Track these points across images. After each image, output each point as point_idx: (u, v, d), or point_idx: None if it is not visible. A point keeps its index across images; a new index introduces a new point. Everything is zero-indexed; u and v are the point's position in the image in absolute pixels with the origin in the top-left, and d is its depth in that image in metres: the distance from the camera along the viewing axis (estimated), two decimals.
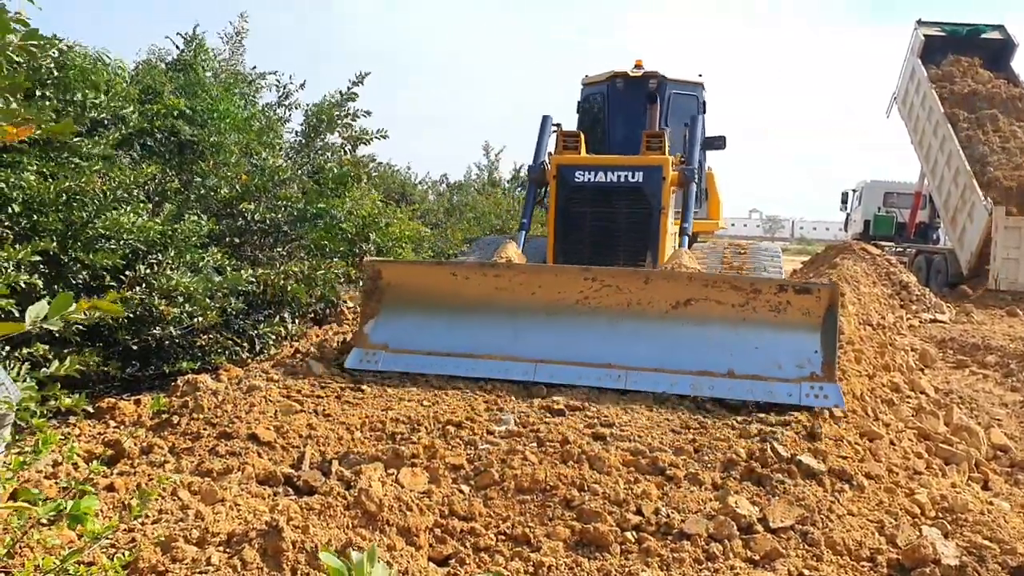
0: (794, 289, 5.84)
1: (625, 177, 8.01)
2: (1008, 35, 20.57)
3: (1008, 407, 7.28)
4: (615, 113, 9.97)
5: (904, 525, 3.84)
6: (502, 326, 6.13)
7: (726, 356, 5.72)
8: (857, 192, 27.12)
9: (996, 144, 17.42)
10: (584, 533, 3.42)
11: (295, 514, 3.20)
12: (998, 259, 15.87)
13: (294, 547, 2.79)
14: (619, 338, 5.95)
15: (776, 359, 5.66)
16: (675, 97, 9.93)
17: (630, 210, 8.04)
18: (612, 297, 6.07)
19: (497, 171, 24.83)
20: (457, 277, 6.42)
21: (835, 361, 5.64)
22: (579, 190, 8.12)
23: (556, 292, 6.16)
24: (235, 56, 8.62)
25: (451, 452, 4.19)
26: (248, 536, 2.86)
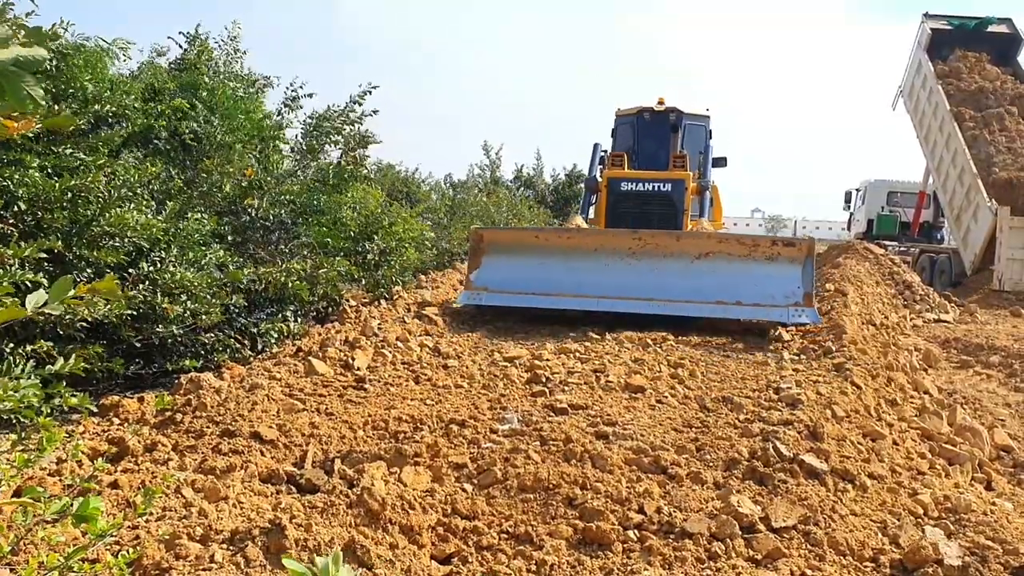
0: (783, 243, 8.79)
1: (658, 187, 10.77)
2: (1015, 28, 20.46)
3: (1012, 407, 7.26)
4: (643, 138, 12.52)
5: (907, 525, 3.84)
6: (573, 272, 8.64)
7: (735, 291, 8.30)
8: (861, 191, 27.06)
9: (1003, 144, 17.36)
10: (587, 532, 3.42)
11: (298, 512, 3.20)
12: (1003, 260, 15.82)
13: (297, 545, 2.79)
14: (658, 279, 8.47)
15: (770, 292, 8.32)
16: (689, 127, 12.50)
17: (661, 210, 10.66)
18: (653, 251, 8.71)
19: (499, 170, 24.91)
20: (539, 239, 9.39)
21: (812, 293, 8.44)
22: (624, 195, 10.89)
23: (612, 248, 8.83)
24: (232, 59, 8.64)
25: (454, 451, 4.19)
26: (251, 534, 2.87)
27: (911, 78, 21.12)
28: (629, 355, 6.89)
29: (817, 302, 10.00)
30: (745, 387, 5.96)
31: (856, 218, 27.18)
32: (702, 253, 8.68)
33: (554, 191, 26.88)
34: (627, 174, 11.15)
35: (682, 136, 12.26)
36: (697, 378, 6.21)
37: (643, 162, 12.05)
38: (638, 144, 12.50)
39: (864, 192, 26.63)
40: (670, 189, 10.73)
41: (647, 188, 10.81)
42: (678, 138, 12.08)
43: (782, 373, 6.43)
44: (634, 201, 10.82)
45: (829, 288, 11.02)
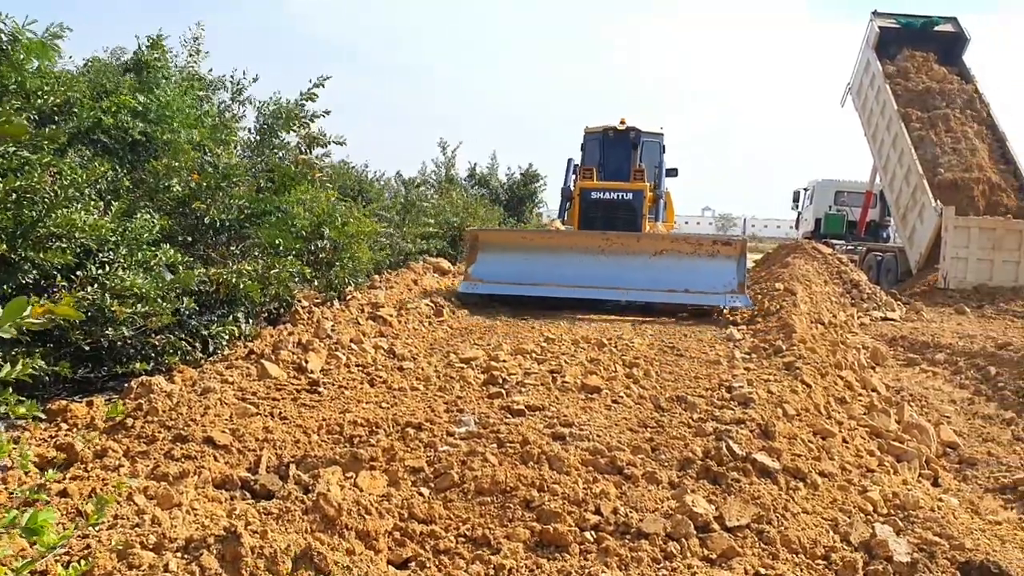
0: (722, 242, 10.95)
1: (621, 196, 12.81)
2: (961, 28, 20.90)
3: (957, 404, 7.44)
4: (608, 153, 14.57)
5: (857, 523, 3.91)
6: (553, 266, 10.51)
7: (684, 281, 10.28)
8: (808, 191, 27.50)
9: (948, 145, 17.75)
10: (544, 534, 3.43)
11: (253, 519, 3.16)
12: (947, 259, 16.18)
13: (253, 553, 2.75)
14: (622, 272, 10.42)
15: (712, 282, 10.27)
16: (647, 143, 14.59)
17: (625, 215, 12.63)
18: (618, 249, 10.67)
19: (454, 168, 24.80)
20: (525, 239, 11.91)
21: (745, 283, 10.53)
22: (594, 203, 12.87)
23: (585, 247, 10.83)
24: (193, 60, 8.51)
25: (410, 454, 4.18)
26: (206, 542, 2.82)
27: (860, 76, 21.48)
28: (585, 355, 6.93)
29: (767, 302, 10.19)
30: (698, 386, 6.03)
31: (804, 217, 27.62)
32: (658, 251, 10.75)
33: (508, 190, 26.86)
34: (596, 185, 13.17)
35: (640, 151, 14.35)
36: (652, 378, 6.26)
37: (608, 174, 13.97)
38: (604, 158, 14.52)
39: (812, 191, 27.06)
40: (631, 198, 12.77)
41: (613, 197, 12.84)
42: (637, 153, 14.23)
43: (734, 372, 6.51)
44: (602, 207, 12.79)
45: (779, 287, 11.20)
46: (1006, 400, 7.49)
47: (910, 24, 21.00)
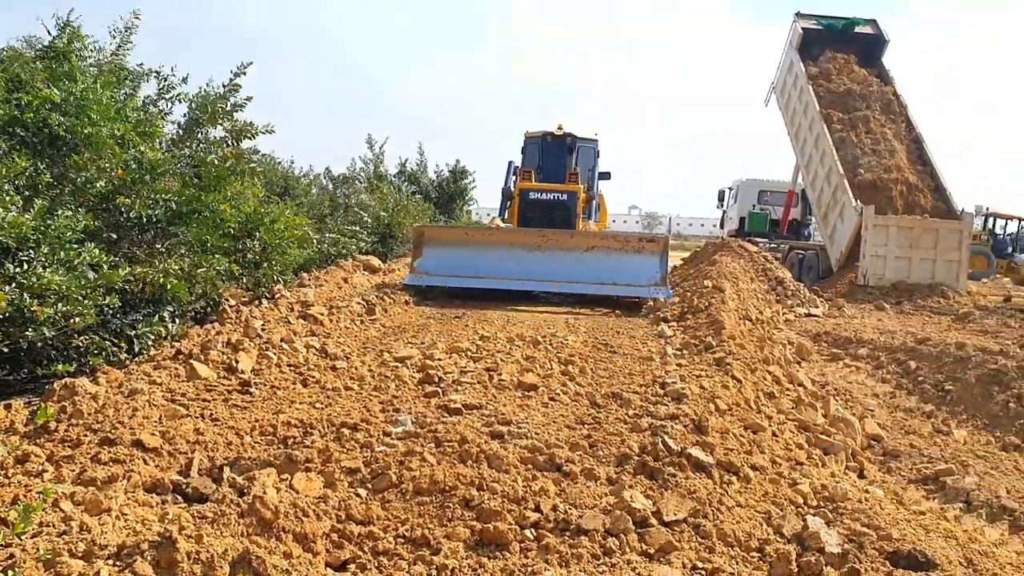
0: (646, 240, 11.93)
1: (557, 197, 13.77)
2: (880, 30, 21.52)
3: (879, 398, 7.67)
4: (546, 156, 15.53)
5: (789, 515, 3.99)
6: (493, 261, 11.33)
7: (613, 274, 11.21)
8: (733, 190, 28.09)
9: (868, 146, 18.28)
10: (484, 533, 3.42)
11: (188, 523, 3.08)
12: (867, 256, 16.67)
13: (189, 558, 2.68)
14: (557, 266, 11.26)
15: (638, 276, 11.18)
16: (582, 148, 15.65)
17: (560, 215, 13.59)
18: (554, 245, 11.54)
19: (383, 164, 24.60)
20: (468, 235, 12.62)
21: (667, 276, 11.68)
22: (532, 203, 13.87)
23: (523, 243, 11.60)
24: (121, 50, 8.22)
25: (347, 455, 4.12)
26: (139, 548, 2.74)
27: (783, 76, 21.96)
28: (520, 353, 6.93)
29: (697, 299, 10.36)
30: (633, 383, 6.09)
31: (729, 216, 28.19)
32: (589, 247, 11.67)
33: (438, 187, 26.74)
34: (534, 186, 14.07)
35: (576, 156, 15.42)
36: (587, 375, 6.30)
37: (546, 176, 14.87)
38: (542, 161, 15.48)
39: (736, 191, 27.65)
40: (566, 199, 13.76)
41: (549, 197, 13.85)
42: (572, 158, 15.27)
43: (667, 368, 6.59)
44: (539, 207, 13.80)
45: (707, 285, 11.37)
46: (926, 394, 7.76)
47: (832, 25, 21.55)
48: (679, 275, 15.40)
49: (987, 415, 7.00)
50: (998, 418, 6.88)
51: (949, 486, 5.28)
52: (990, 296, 18.30)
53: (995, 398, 7.18)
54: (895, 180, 17.62)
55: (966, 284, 17.26)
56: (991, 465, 5.82)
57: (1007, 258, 30.27)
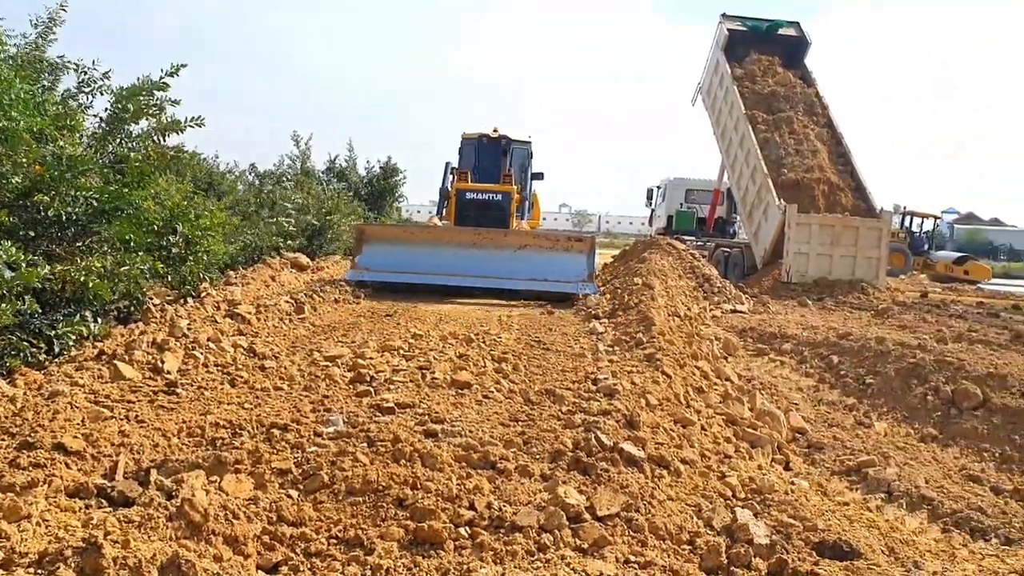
0: (575, 239, 12.83)
1: (492, 197, 14.41)
2: (803, 32, 22.06)
3: (803, 391, 7.87)
4: (482, 158, 16.19)
5: (719, 508, 4.07)
6: (432, 258, 11.97)
7: (544, 271, 11.92)
8: (661, 189, 28.54)
9: (791, 146, 18.73)
10: (418, 532, 3.40)
11: (113, 528, 2.98)
12: (790, 254, 17.08)
13: (115, 564, 2.60)
14: (492, 263, 11.93)
15: (566, 273, 11.92)
16: (516, 150, 16.34)
17: (495, 214, 14.19)
18: (488, 243, 12.27)
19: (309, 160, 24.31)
20: (407, 233, 13.64)
21: (594, 273, 12.48)
22: (468, 202, 14.49)
23: (460, 241, 12.33)
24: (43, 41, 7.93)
25: (277, 456, 4.06)
26: (63, 555, 2.65)
27: (710, 76, 22.35)
28: (453, 351, 6.92)
29: (627, 296, 10.48)
30: (566, 379, 6.13)
31: (657, 214, 28.64)
32: (522, 245, 12.37)
33: (368, 184, 26.51)
34: (470, 186, 14.72)
35: (510, 157, 16.07)
36: (520, 372, 6.32)
37: (481, 177, 15.46)
38: (478, 162, 16.13)
39: (664, 189, 28.10)
40: (501, 199, 14.39)
41: (484, 197, 14.49)
42: (507, 159, 15.92)
43: (599, 364, 6.65)
44: (475, 207, 14.40)
45: (637, 282, 11.51)
46: (848, 387, 7.98)
47: (756, 27, 22.01)
48: (610, 272, 15.56)
49: (906, 407, 7.23)
50: (916, 410, 7.12)
51: (871, 477, 5.44)
52: (908, 292, 18.97)
53: (914, 391, 7.42)
54: (817, 180, 18.09)
55: (885, 280, 17.84)
56: (910, 456, 6.01)
57: (923, 255, 31.46)
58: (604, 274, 15.49)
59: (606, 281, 13.92)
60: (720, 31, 21.81)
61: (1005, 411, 6.61)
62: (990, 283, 30.62)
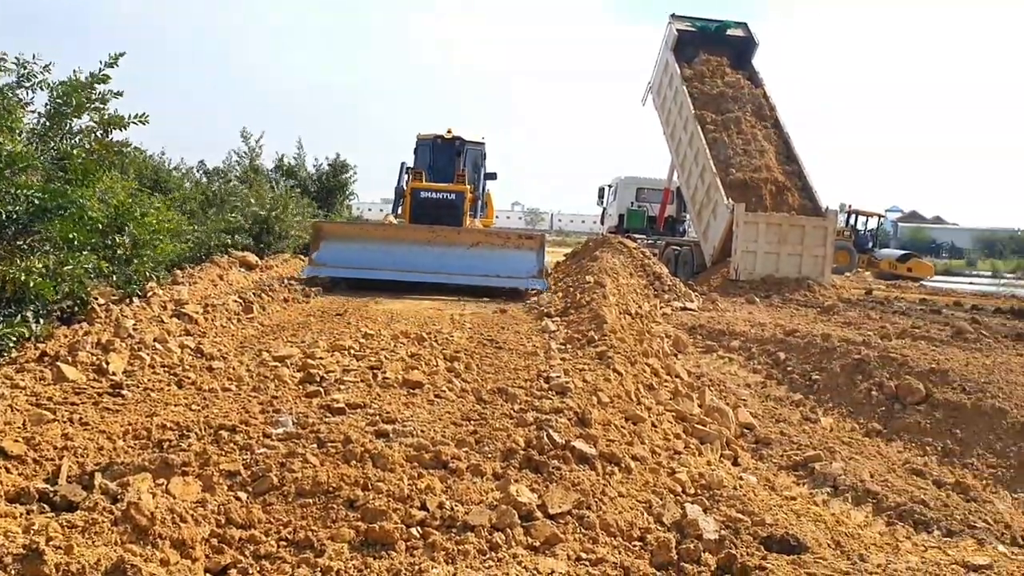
0: (525, 236, 13.69)
1: (446, 196, 14.82)
2: (750, 33, 22.37)
3: (751, 387, 7.98)
4: (436, 158, 16.61)
5: (669, 504, 4.12)
6: (387, 254, 12.40)
7: (495, 267, 12.49)
8: (612, 187, 28.72)
9: (739, 146, 18.98)
10: (369, 533, 3.39)
11: (55, 533, 2.92)
12: (738, 252, 17.31)
13: (58, 570, 2.55)
14: (446, 260, 12.44)
15: (517, 269, 12.54)
16: (470, 151, 16.88)
17: (448, 212, 14.56)
18: (442, 241, 12.74)
19: (259, 158, 24.01)
20: (363, 230, 13.89)
21: (543, 270, 12.97)
22: (423, 201, 14.82)
23: (414, 238, 12.81)
24: None
25: (225, 458, 4.01)
26: (2, 562, 2.59)
27: (659, 76, 22.54)
28: (405, 350, 6.89)
29: (579, 294, 10.54)
30: (518, 378, 6.14)
31: (609, 212, 28.80)
32: (474, 243, 12.89)
33: (317, 181, 26.23)
34: (425, 186, 15.09)
35: (464, 158, 16.52)
36: (473, 371, 6.32)
37: (436, 176, 15.85)
38: (433, 162, 16.56)
39: (615, 188, 28.28)
40: (454, 198, 14.81)
41: (439, 196, 14.87)
42: (461, 160, 16.34)
43: (551, 363, 6.68)
44: (429, 205, 14.75)
45: (589, 280, 11.57)
46: (795, 383, 8.11)
47: (705, 28, 22.26)
48: (562, 271, 15.62)
49: (851, 403, 7.37)
50: (861, 405, 7.26)
51: (817, 471, 5.53)
52: (852, 289, 19.36)
53: (858, 386, 7.57)
54: (765, 179, 18.37)
55: (831, 278, 18.18)
56: (855, 450, 6.13)
57: (868, 253, 32.13)
58: (556, 272, 15.57)
59: (558, 280, 13.98)
60: (669, 31, 22.01)
61: (947, 406, 6.77)
62: (932, 280, 31.40)
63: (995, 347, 9.08)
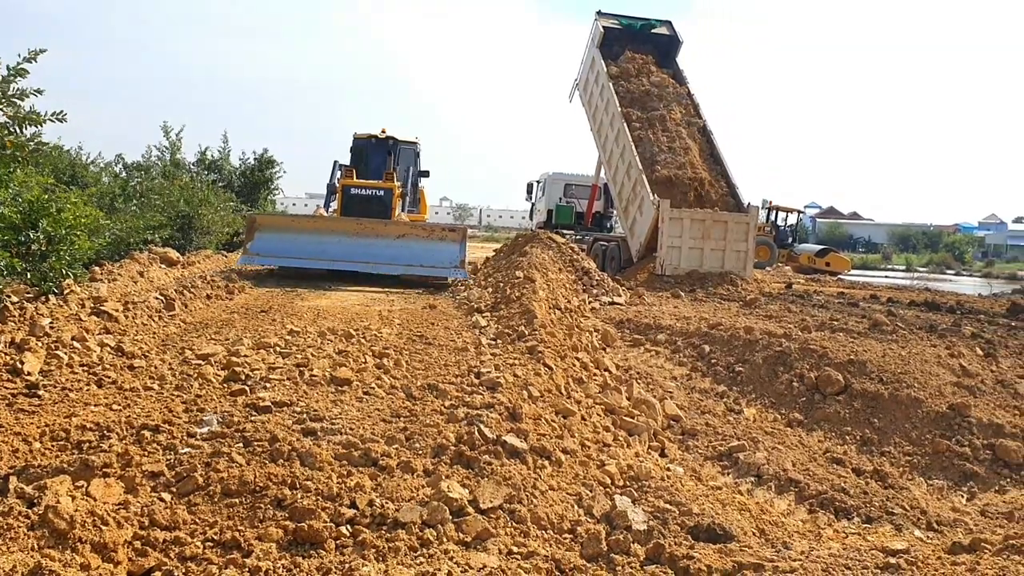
0: (448, 229, 14.17)
1: (375, 192, 15.58)
2: (674, 31, 22.67)
3: (677, 380, 8.11)
4: (370, 156, 17.63)
5: (599, 496, 4.16)
6: (318, 244, 13.12)
7: (420, 258, 13.22)
8: (541, 183, 28.86)
9: (664, 144, 19.25)
10: (298, 532, 3.35)
11: None
12: (664, 247, 17.56)
13: None
14: (373, 250, 13.13)
15: (441, 259, 13.27)
16: (403, 151, 17.99)
17: (377, 207, 15.23)
18: (370, 232, 13.44)
19: (180, 152, 23.48)
20: (295, 222, 14.86)
21: (465, 260, 13.54)
22: (354, 197, 15.53)
23: (343, 230, 13.58)
24: None
25: (148, 459, 3.91)
26: None
27: (586, 73, 22.69)
28: (332, 347, 6.81)
29: (509, 289, 10.56)
30: (448, 373, 6.12)
31: (537, 208, 28.95)
32: (400, 235, 13.65)
33: (242, 175, 25.73)
34: (355, 183, 15.91)
35: (396, 156, 17.55)
36: (402, 367, 6.28)
37: (370, 174, 16.70)
38: (367, 160, 17.56)
39: (544, 184, 28.43)
40: (383, 194, 15.59)
41: (368, 193, 15.64)
42: (392, 158, 17.29)
43: (481, 358, 6.68)
44: (360, 201, 15.46)
45: (519, 275, 11.59)
46: (719, 375, 8.27)
47: (630, 25, 22.49)
48: (491, 266, 15.61)
49: (773, 394, 7.54)
50: (783, 396, 7.44)
51: (741, 461, 5.66)
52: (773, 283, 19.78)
53: (780, 378, 7.75)
54: (689, 176, 18.67)
55: (752, 272, 18.56)
56: (778, 440, 6.29)
57: (787, 248, 32.97)
58: (485, 268, 15.56)
59: (488, 275, 13.99)
60: (596, 28, 22.18)
61: (865, 396, 6.99)
62: (849, 274, 32.36)
63: (910, 338, 9.39)
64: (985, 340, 9.69)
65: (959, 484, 5.75)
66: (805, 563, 3.55)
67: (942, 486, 5.70)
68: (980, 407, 6.69)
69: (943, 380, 7.24)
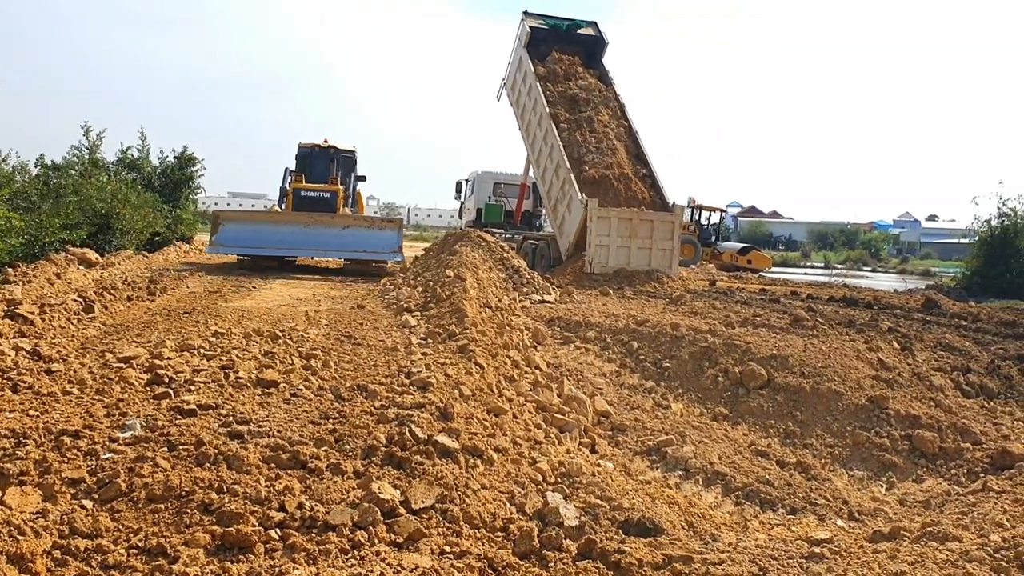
0: (387, 221, 18.01)
1: (322, 195, 18.56)
2: (600, 32, 22.83)
3: (607, 376, 8.18)
4: (315, 163, 20.34)
5: (531, 493, 4.19)
6: (274, 234, 16.12)
7: (363, 245, 16.58)
8: (470, 182, 28.84)
9: (592, 144, 19.39)
10: (226, 536, 3.28)
11: None
12: (592, 246, 17.69)
13: None
14: (323, 239, 16.31)
15: (381, 245, 16.74)
16: (343, 159, 20.88)
17: (324, 208, 18.00)
18: (318, 225, 16.48)
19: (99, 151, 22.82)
20: (254, 216, 18.54)
21: (401, 246, 17.00)
22: (303, 199, 18.36)
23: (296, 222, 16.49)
24: None
25: (68, 465, 3.80)
26: None
27: (513, 73, 22.71)
28: (258, 349, 6.69)
29: (439, 288, 10.52)
30: (378, 374, 6.08)
31: (467, 207, 28.91)
32: (346, 225, 16.55)
33: (163, 174, 25.10)
34: (305, 186, 18.74)
35: (337, 163, 20.49)
36: (330, 368, 6.20)
37: (315, 179, 19.56)
38: (312, 166, 20.24)
39: (473, 183, 28.42)
40: (329, 196, 18.54)
41: (316, 195, 18.59)
42: (335, 164, 20.31)
43: (412, 358, 6.64)
44: (309, 202, 18.30)
45: (449, 274, 11.56)
46: (647, 371, 8.37)
47: (557, 25, 22.59)
48: (420, 265, 15.53)
49: (699, 388, 7.67)
50: (709, 391, 7.57)
51: (670, 456, 5.74)
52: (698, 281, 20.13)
53: (705, 373, 7.89)
54: (616, 176, 18.85)
55: (678, 270, 18.83)
56: (704, 434, 6.40)
57: (711, 246, 33.58)
58: (415, 267, 15.48)
59: (417, 274, 13.90)
60: (522, 28, 22.22)
61: (787, 389, 7.16)
62: (771, 271, 33.13)
63: (830, 333, 9.63)
64: (901, 335, 10.00)
65: (879, 474, 5.94)
66: (733, 554, 3.62)
67: (862, 476, 5.88)
68: (898, 399, 6.91)
69: (862, 374, 7.46)
